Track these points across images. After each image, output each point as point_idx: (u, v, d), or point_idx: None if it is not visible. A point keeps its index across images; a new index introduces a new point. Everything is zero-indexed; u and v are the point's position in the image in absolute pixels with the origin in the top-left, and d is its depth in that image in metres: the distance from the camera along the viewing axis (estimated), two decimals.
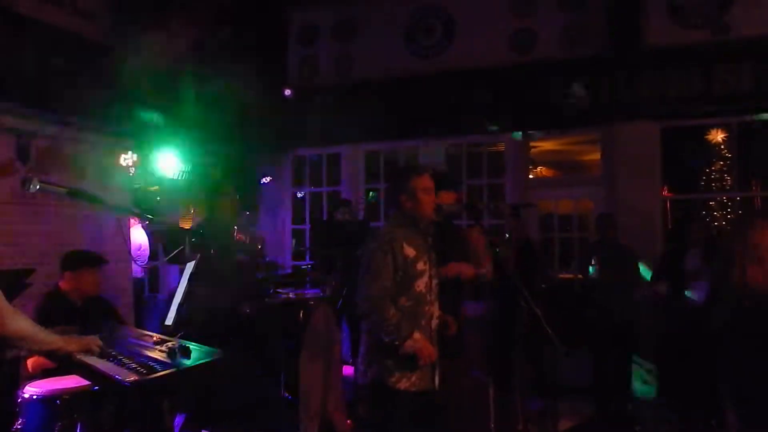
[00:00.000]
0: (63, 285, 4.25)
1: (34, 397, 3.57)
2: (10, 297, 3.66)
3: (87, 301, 4.30)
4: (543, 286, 5.61)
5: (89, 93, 5.66)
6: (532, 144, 8.44)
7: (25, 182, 2.47)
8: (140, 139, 6.38)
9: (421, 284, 3.22)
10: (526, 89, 7.16)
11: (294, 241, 8.70)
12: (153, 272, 7.92)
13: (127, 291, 6.47)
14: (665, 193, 7.18)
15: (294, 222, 8.56)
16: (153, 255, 7.61)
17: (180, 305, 3.11)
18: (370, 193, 8.29)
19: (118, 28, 5.87)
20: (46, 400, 3.52)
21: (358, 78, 7.81)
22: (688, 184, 8.32)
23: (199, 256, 3.28)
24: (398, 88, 7.54)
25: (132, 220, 7.02)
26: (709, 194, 9.01)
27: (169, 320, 3.04)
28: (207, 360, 2.49)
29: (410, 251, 3.19)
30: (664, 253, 6.31)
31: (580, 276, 6.38)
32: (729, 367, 3.65)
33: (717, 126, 7.43)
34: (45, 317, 3.83)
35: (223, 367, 2.63)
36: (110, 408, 3.58)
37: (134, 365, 2.41)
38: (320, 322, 5.17)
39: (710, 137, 8.75)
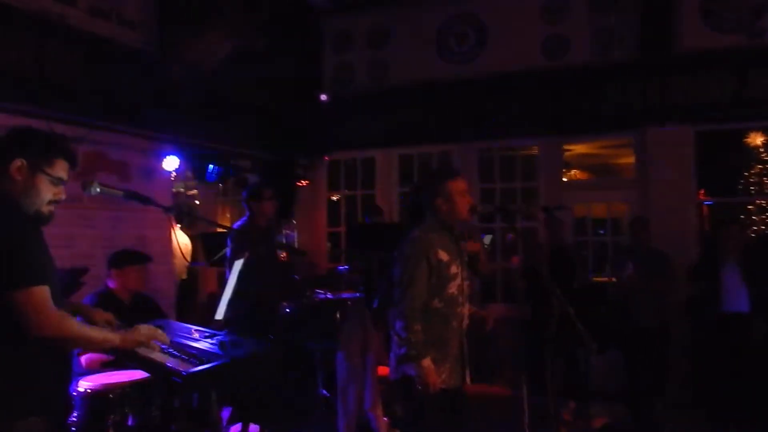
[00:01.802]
0: (111, 284, 4.46)
1: (88, 391, 3.75)
2: (66, 295, 3.87)
3: (134, 298, 4.51)
4: (574, 287, 5.63)
5: (133, 99, 5.90)
6: (565, 147, 8.49)
7: (86, 185, 2.63)
8: (181, 144, 6.59)
9: (453, 287, 3.31)
10: (559, 94, 7.21)
11: (329, 244, 8.86)
12: (192, 274, 8.13)
13: (169, 291, 6.67)
14: (700, 196, 7.15)
15: (329, 225, 8.70)
16: (194, 257, 7.84)
17: (230, 302, 3.25)
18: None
19: (161, 36, 6.07)
20: (99, 395, 3.69)
21: (392, 84, 7.94)
22: (724, 188, 8.28)
23: (247, 255, 3.42)
24: (431, 94, 7.64)
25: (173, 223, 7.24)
26: (747, 198, 8.98)
27: (219, 315, 3.18)
28: (256, 352, 2.62)
29: (444, 255, 3.28)
30: (699, 257, 6.29)
31: (613, 279, 6.41)
32: None
33: (752, 129, 7.38)
34: None
35: (270, 361, 2.75)
36: (158, 401, 3.75)
37: (187, 357, 2.55)
38: (356, 322, 5.30)
39: (748, 141, 8.70)
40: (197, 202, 8.92)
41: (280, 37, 7.52)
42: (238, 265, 3.44)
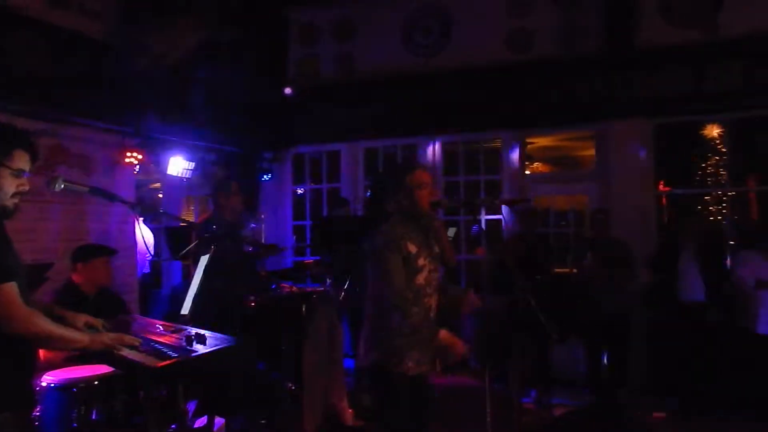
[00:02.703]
0: (75, 277, 4.42)
1: (51, 385, 3.73)
2: (30, 290, 3.82)
3: (98, 293, 4.48)
4: (537, 278, 5.75)
5: (95, 92, 5.82)
6: (528, 140, 8.62)
7: (51, 182, 2.61)
8: (144, 137, 6.52)
9: (421, 278, 3.36)
10: (522, 88, 7.31)
11: (295, 237, 8.85)
12: (155, 267, 8.07)
13: (132, 285, 6.62)
14: (659, 188, 7.33)
15: (295, 219, 8.70)
16: (157, 251, 7.78)
17: (195, 296, 3.25)
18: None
19: (123, 28, 5.99)
20: (63, 389, 3.67)
21: (358, 77, 7.95)
22: (682, 180, 8.51)
23: (213, 249, 3.43)
24: (397, 87, 7.68)
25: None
26: (703, 189, 9.23)
27: (185, 310, 3.19)
28: (222, 346, 2.64)
29: (412, 248, 3.33)
30: (657, 247, 6.47)
31: (574, 270, 6.56)
32: None
33: (709, 122, 7.59)
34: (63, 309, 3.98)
35: (236, 354, 2.77)
36: (123, 396, 3.74)
37: (153, 352, 2.56)
38: (322, 315, 5.33)
39: (705, 133, 8.93)
40: (160, 195, 8.83)
41: (245, 30, 7.46)
42: (204, 259, 3.43)
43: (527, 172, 8.39)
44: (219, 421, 4.09)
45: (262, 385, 5.14)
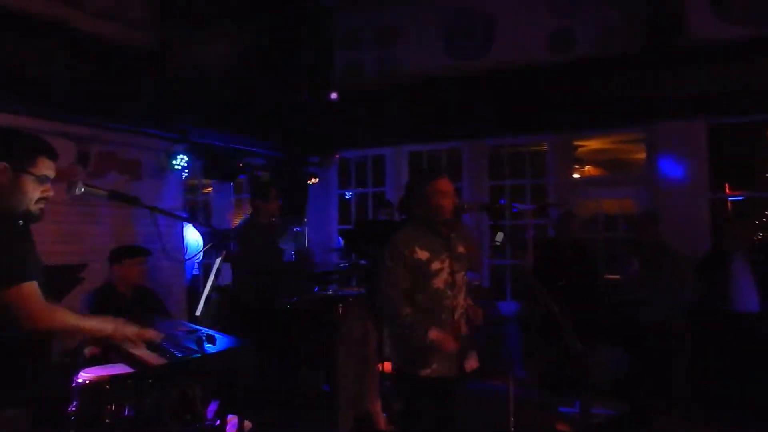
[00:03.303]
0: (112, 279, 4.59)
1: (87, 382, 3.87)
2: (64, 291, 4.00)
3: (136, 292, 4.63)
4: (560, 284, 5.58)
5: (142, 100, 6.03)
6: (578, 143, 8.44)
7: (71, 186, 2.71)
8: (191, 143, 6.70)
9: (438, 282, 3.38)
10: (567, 89, 7.17)
11: (343, 240, 8.93)
12: (207, 269, 8.27)
13: (180, 287, 6.81)
14: (713, 192, 7.05)
15: (340, 222, 8.78)
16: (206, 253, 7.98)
17: (208, 298, 3.34)
18: None
19: (167, 37, 6.18)
20: (97, 385, 3.81)
21: (401, 81, 7.98)
22: (738, 183, 8.14)
23: (224, 253, 3.51)
24: (439, 90, 7.67)
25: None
26: (761, 193, 8.81)
27: (198, 311, 3.27)
28: (231, 347, 2.70)
29: (423, 254, 3.37)
30: (707, 253, 6.21)
31: (618, 276, 6.38)
32: None
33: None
34: (97, 310, 4.14)
35: (249, 354, 2.83)
36: (154, 394, 3.85)
37: (163, 350, 2.63)
38: (356, 318, 5.36)
39: (765, 134, 8.53)
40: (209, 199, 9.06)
41: (289, 36, 7.60)
42: (217, 263, 3.52)
43: (576, 175, 8.24)
44: (246, 423, 4.15)
45: (297, 387, 5.21)
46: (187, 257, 6.84)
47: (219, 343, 2.73)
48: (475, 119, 7.59)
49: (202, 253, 7.54)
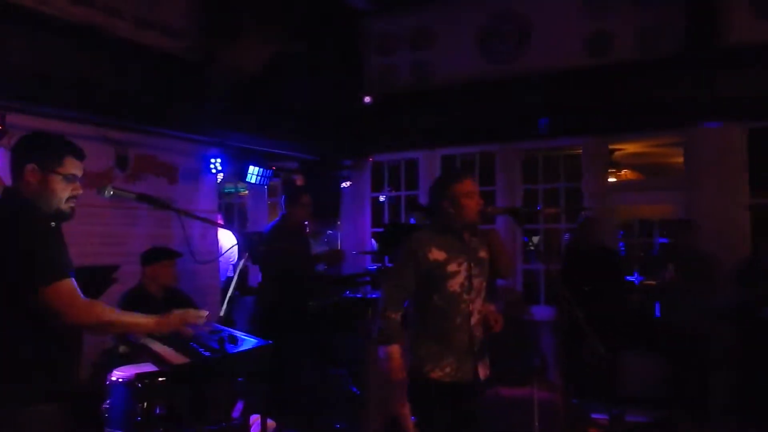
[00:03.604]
0: (144, 280, 4.71)
1: (120, 380, 3.99)
2: (98, 291, 4.12)
3: (167, 294, 4.74)
4: (585, 289, 5.50)
5: (178, 105, 6.18)
6: (615, 147, 8.33)
7: (100, 189, 2.80)
8: (225, 147, 6.83)
9: (454, 284, 3.36)
10: (604, 92, 7.08)
11: (377, 243, 8.97)
12: (243, 272, 8.40)
13: (214, 289, 6.93)
14: (752, 197, 6.87)
15: (374, 225, 8.82)
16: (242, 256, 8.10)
17: (230, 299, 3.41)
18: None
19: (204, 44, 6.32)
20: (129, 384, 3.91)
21: (435, 84, 7.97)
22: None
23: (247, 255, 3.58)
24: (474, 94, 7.63)
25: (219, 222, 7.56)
26: None
27: (221, 312, 3.35)
28: (252, 348, 2.76)
29: (439, 255, 3.35)
30: (745, 261, 6.06)
31: (653, 282, 6.28)
32: None
33: None
34: (130, 309, 4.25)
35: (271, 356, 2.88)
36: (186, 392, 3.93)
37: (186, 350, 2.70)
38: None
39: None
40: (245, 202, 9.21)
41: (323, 40, 7.68)
42: (239, 266, 3.59)
43: (612, 179, 8.13)
44: (269, 423, 4.22)
45: (327, 388, 5.26)
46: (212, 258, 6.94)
47: (241, 343, 2.79)
48: (510, 123, 7.55)
49: (236, 256, 7.71)
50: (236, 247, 7.71)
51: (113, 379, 4.00)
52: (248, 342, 2.84)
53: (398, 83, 8.24)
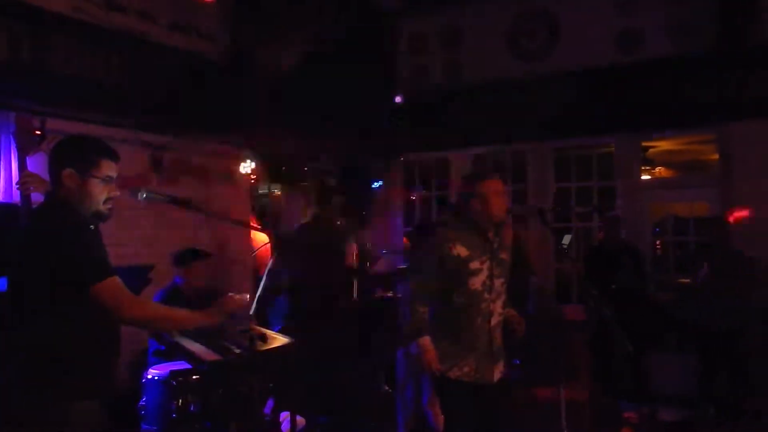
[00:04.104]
0: (177, 280, 4.82)
1: (156, 378, 4.10)
2: (137, 291, 4.23)
3: (200, 293, 4.83)
4: (612, 287, 5.43)
5: (210, 108, 6.28)
6: (649, 144, 8.23)
7: (134, 192, 2.88)
8: (257, 149, 6.93)
9: (476, 282, 3.38)
10: (634, 89, 7.00)
11: (408, 243, 9.00)
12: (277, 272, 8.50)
13: (246, 288, 7.04)
14: None
15: (406, 225, 8.84)
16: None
17: (261, 298, 3.48)
18: None
19: (237, 47, 6.43)
20: (164, 381, 4.03)
21: (465, 83, 7.96)
22: None
23: (280, 255, 3.65)
24: (503, 93, 7.60)
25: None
26: None
27: (251, 310, 3.41)
28: (281, 346, 2.82)
29: (462, 251, 3.36)
30: None
31: (688, 281, 6.19)
32: None
33: None
34: None
35: (299, 354, 2.94)
36: (220, 390, 4.02)
37: (217, 348, 2.78)
38: None
39: None
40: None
41: (354, 40, 7.73)
42: (269, 264, 3.67)
43: (646, 177, 8.03)
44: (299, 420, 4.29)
45: (360, 387, 5.30)
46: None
47: (270, 342, 2.85)
48: (540, 121, 7.50)
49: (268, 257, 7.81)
50: (267, 247, 7.89)
51: (149, 377, 4.13)
52: (278, 340, 2.90)
53: (429, 82, 8.25)
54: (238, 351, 2.74)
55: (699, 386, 5.73)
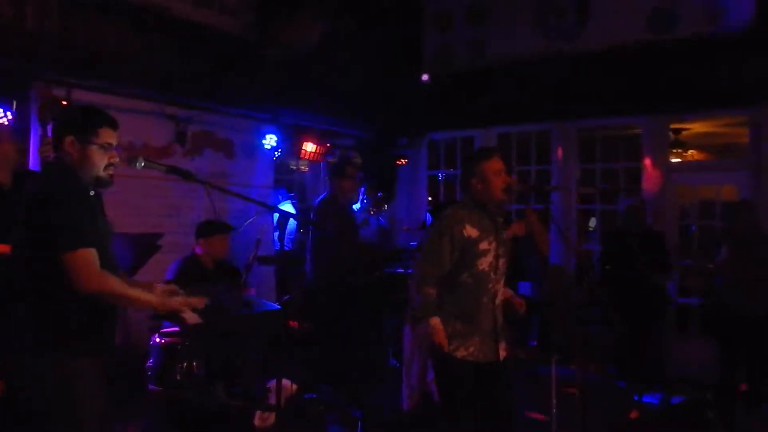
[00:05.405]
0: (198, 251, 4.93)
1: (162, 341, 4.24)
2: (143, 258, 4.37)
3: (218, 265, 4.95)
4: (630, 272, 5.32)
5: (235, 82, 6.39)
6: (681, 126, 8.04)
7: (131, 160, 2.96)
8: (281, 123, 7.01)
9: (484, 263, 3.39)
10: (665, 70, 6.83)
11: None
12: (302, 246, 8.60)
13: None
14: None
15: (430, 204, 8.86)
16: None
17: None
18: None
19: (259, 22, 6.48)
20: (169, 345, 4.16)
21: (491, 62, 7.86)
22: None
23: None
24: (530, 72, 7.50)
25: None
26: None
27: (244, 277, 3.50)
28: (262, 311, 2.90)
29: (472, 232, 3.38)
30: None
31: (710, 266, 6.06)
32: None
33: None
34: (182, 278, 4.48)
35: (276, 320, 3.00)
36: (222, 354, 4.14)
37: (203, 312, 2.86)
38: None
39: None
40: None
41: (379, 18, 7.72)
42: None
43: (676, 160, 7.87)
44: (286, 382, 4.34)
45: (365, 363, 5.38)
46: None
47: (254, 308, 2.93)
48: (567, 101, 7.40)
49: (294, 230, 7.91)
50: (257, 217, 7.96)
51: (156, 340, 4.27)
52: (260, 307, 2.97)
53: (454, 61, 8.18)
54: (218, 315, 2.81)
55: (720, 371, 5.63)
